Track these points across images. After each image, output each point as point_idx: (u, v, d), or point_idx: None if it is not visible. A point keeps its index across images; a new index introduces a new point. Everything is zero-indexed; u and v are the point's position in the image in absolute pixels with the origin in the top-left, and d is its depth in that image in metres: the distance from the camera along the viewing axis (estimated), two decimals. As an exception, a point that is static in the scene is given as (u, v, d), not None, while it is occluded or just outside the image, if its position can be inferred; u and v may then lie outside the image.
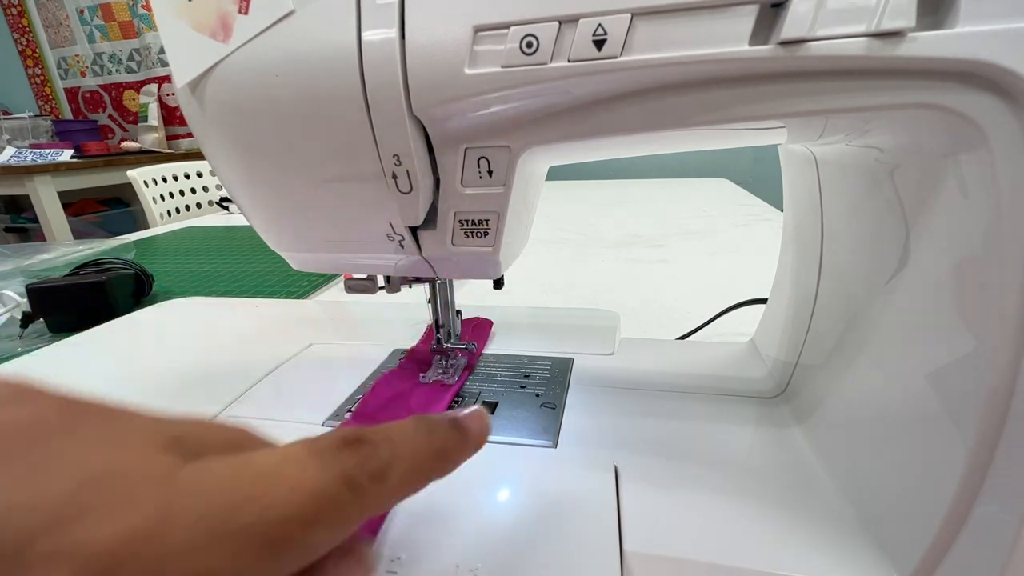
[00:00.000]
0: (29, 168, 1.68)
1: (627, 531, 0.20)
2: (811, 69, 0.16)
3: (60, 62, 2.28)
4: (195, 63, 0.19)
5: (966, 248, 0.17)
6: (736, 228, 0.82)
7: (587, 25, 0.16)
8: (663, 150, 0.24)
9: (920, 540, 0.17)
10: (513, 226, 0.22)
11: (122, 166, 1.78)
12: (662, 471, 0.24)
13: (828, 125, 0.20)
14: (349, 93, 0.18)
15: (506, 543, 0.20)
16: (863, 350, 0.23)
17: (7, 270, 0.65)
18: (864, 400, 0.22)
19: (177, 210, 1.45)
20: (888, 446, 0.20)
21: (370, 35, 0.17)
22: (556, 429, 0.27)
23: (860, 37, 0.15)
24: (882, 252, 0.21)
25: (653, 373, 0.33)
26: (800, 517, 0.21)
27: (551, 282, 0.60)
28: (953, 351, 0.17)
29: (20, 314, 0.50)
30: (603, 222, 0.91)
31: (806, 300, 0.28)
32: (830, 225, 0.27)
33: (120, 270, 0.56)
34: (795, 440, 0.26)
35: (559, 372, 0.33)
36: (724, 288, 0.55)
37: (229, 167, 0.23)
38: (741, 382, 0.31)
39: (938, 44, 0.14)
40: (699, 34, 0.16)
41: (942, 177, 0.18)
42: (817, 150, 0.26)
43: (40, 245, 0.82)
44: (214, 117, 0.20)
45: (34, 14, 2.22)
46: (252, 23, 0.18)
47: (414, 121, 0.18)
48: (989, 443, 0.16)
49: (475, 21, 0.17)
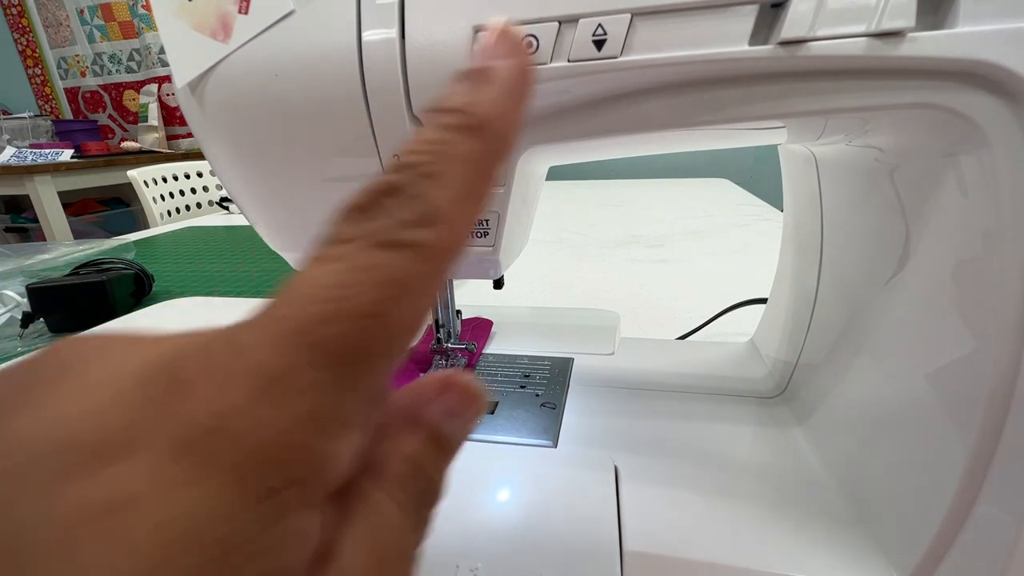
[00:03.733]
0: (29, 168, 1.68)
1: (627, 531, 0.20)
2: (811, 69, 0.16)
3: (60, 62, 2.28)
4: (195, 63, 0.19)
5: (966, 248, 0.17)
6: (736, 228, 0.82)
7: (587, 25, 0.16)
8: (663, 150, 0.24)
9: (920, 540, 0.17)
10: (513, 226, 0.22)
11: (122, 166, 1.78)
12: (662, 471, 0.24)
13: (828, 125, 0.20)
14: (349, 93, 0.18)
15: (506, 543, 0.20)
16: (863, 350, 0.23)
17: (7, 270, 0.65)
18: (864, 400, 0.22)
19: (177, 210, 1.45)
20: (888, 446, 0.20)
21: (370, 35, 0.17)
22: (556, 429, 0.27)
23: (860, 37, 0.15)
24: (882, 252, 0.21)
25: (653, 373, 0.33)
26: (800, 517, 0.21)
27: (551, 282, 0.60)
28: (953, 351, 0.17)
29: (20, 314, 0.50)
30: (603, 222, 0.91)
31: (806, 300, 0.28)
32: (830, 225, 0.27)
33: (120, 270, 0.56)
34: (795, 440, 0.26)
35: (559, 372, 0.33)
36: (724, 288, 0.55)
37: (229, 167, 0.23)
38: (741, 382, 0.31)
39: (938, 44, 0.14)
40: (699, 34, 0.15)
41: (942, 177, 0.18)
42: (817, 150, 0.26)
43: (40, 245, 0.82)
44: (214, 117, 0.20)
45: (34, 14, 2.22)
46: (252, 23, 0.18)
47: (414, 121, 0.18)
48: (989, 443, 0.16)
49: (475, 21, 0.17)
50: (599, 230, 0.85)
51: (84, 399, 0.08)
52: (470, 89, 0.11)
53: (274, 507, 0.07)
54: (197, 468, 0.07)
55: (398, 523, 0.09)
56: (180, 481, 0.07)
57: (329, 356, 0.08)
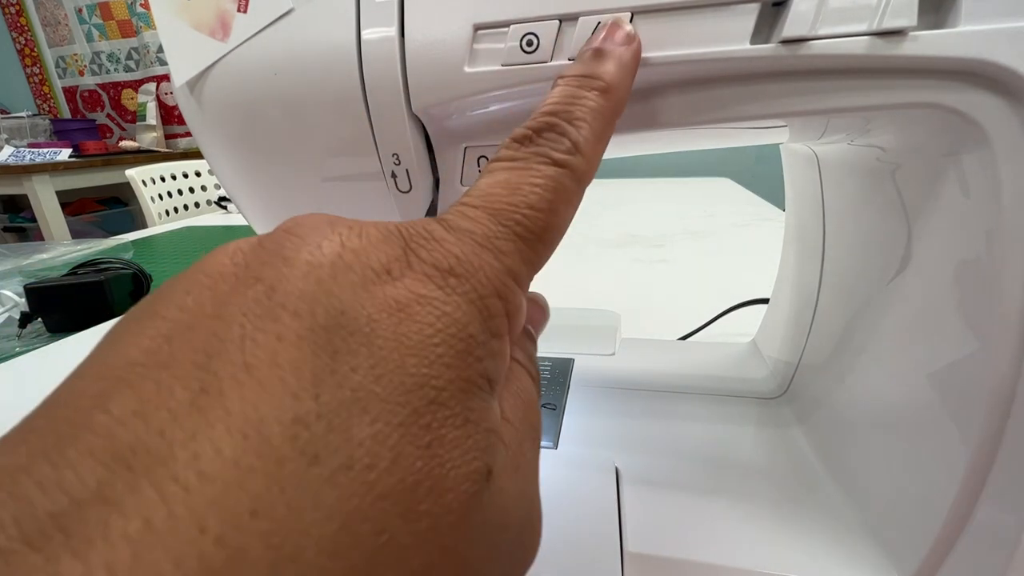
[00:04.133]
0: (27, 167, 1.68)
1: (628, 532, 0.20)
2: (812, 68, 0.16)
3: (58, 61, 2.28)
4: (194, 62, 0.19)
5: (968, 248, 0.17)
6: (737, 228, 0.82)
7: (588, 23, 0.16)
8: (664, 149, 0.23)
9: (922, 541, 0.17)
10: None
11: (120, 165, 1.77)
12: (663, 472, 0.24)
13: (830, 124, 0.20)
14: (348, 92, 0.18)
15: (506, 544, 0.20)
16: (865, 350, 0.23)
17: (5, 270, 0.65)
18: (866, 401, 0.22)
19: (176, 209, 1.45)
20: (890, 447, 0.20)
21: (369, 33, 0.17)
22: (556, 430, 0.27)
23: (861, 36, 0.15)
24: (884, 252, 0.21)
25: (654, 373, 0.33)
26: (801, 518, 0.21)
27: (551, 282, 0.60)
28: (955, 351, 0.17)
29: (18, 314, 0.50)
30: (603, 222, 0.91)
31: (808, 300, 0.28)
32: (832, 225, 0.26)
33: (118, 270, 0.56)
34: (797, 441, 0.26)
35: (559, 372, 0.33)
36: (725, 288, 0.55)
37: (227, 166, 0.22)
38: (742, 383, 0.31)
39: (940, 43, 0.14)
40: (700, 33, 0.15)
41: (944, 177, 0.18)
42: (819, 149, 0.26)
43: (38, 245, 0.82)
44: (213, 116, 0.20)
45: (32, 13, 2.21)
46: (251, 21, 0.18)
47: (413, 120, 0.18)
48: (991, 444, 0.16)
49: (475, 19, 0.17)
50: (600, 230, 0.85)
51: (355, 239, 0.10)
52: (597, 62, 0.14)
53: (495, 326, 0.10)
54: (448, 289, 0.10)
55: (528, 383, 0.13)
56: (438, 297, 0.10)
57: (519, 233, 0.11)
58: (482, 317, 0.10)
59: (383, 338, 0.09)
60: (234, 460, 0.07)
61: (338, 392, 0.08)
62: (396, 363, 0.09)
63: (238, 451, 0.07)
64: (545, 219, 0.12)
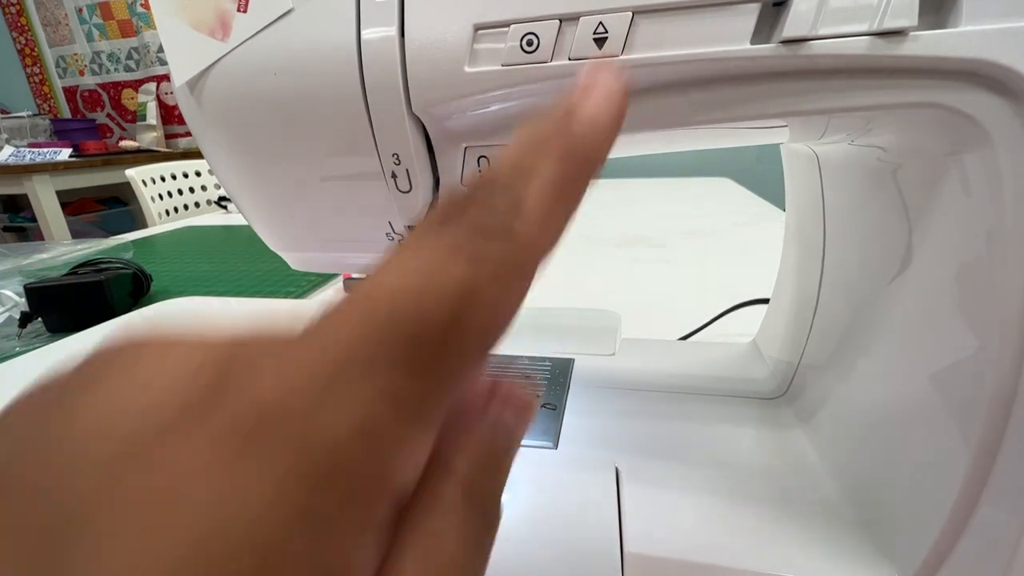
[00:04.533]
0: (27, 167, 1.68)
1: (628, 532, 0.20)
2: (813, 68, 0.16)
3: (59, 61, 2.28)
4: (194, 62, 0.19)
5: (969, 248, 0.17)
6: (738, 228, 0.82)
7: (588, 23, 0.16)
8: (664, 149, 0.23)
9: (922, 542, 0.17)
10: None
11: (120, 165, 1.77)
12: (663, 472, 0.24)
13: (830, 124, 0.20)
14: (348, 92, 0.18)
15: (506, 544, 0.20)
16: (866, 351, 0.23)
17: (5, 270, 0.65)
18: (866, 401, 0.22)
19: (176, 209, 1.45)
20: (891, 447, 0.20)
21: (369, 33, 0.17)
22: (556, 430, 0.27)
23: (862, 36, 0.15)
24: (885, 252, 0.21)
25: (654, 374, 0.33)
26: (802, 519, 0.21)
27: (551, 282, 0.60)
28: (956, 352, 0.17)
29: (18, 314, 0.50)
30: (603, 222, 0.90)
31: (808, 300, 0.28)
32: (832, 225, 0.26)
33: (118, 270, 0.56)
34: (797, 441, 0.26)
35: (559, 372, 0.33)
36: (726, 288, 0.54)
37: (228, 166, 0.22)
38: (743, 383, 0.31)
39: (940, 43, 0.14)
40: (701, 32, 0.15)
41: (945, 177, 0.18)
42: (819, 149, 0.26)
43: (38, 244, 0.82)
44: (213, 116, 0.20)
45: (33, 13, 2.21)
46: (251, 21, 0.18)
47: (414, 120, 0.18)
48: (992, 445, 0.16)
49: (475, 19, 0.16)
50: (600, 230, 0.85)
51: (156, 374, 0.07)
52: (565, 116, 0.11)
53: (325, 515, 0.07)
54: (245, 454, 0.06)
55: (456, 550, 0.08)
56: (227, 466, 0.06)
57: (412, 338, 0.07)
58: (294, 495, 0.06)
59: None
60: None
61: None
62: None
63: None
64: (461, 312, 0.08)
